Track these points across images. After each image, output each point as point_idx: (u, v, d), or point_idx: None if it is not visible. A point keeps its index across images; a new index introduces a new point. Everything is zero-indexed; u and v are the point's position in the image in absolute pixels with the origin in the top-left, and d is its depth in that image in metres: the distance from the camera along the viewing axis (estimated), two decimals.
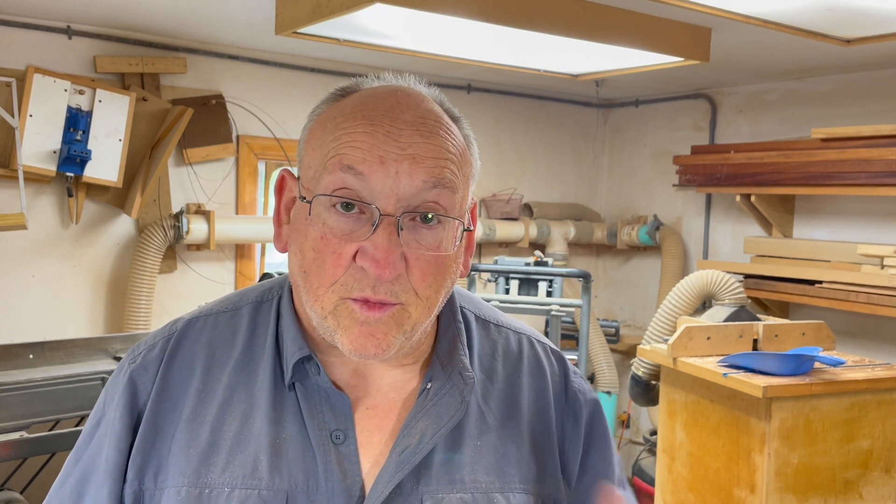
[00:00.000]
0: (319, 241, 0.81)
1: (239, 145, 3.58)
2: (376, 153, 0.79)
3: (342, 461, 0.84)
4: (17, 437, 2.26)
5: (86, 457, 0.90)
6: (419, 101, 0.85)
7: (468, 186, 0.87)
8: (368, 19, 2.50)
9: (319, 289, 0.82)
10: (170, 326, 0.94)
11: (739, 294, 3.08)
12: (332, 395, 0.86)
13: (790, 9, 2.34)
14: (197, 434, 0.86)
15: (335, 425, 0.85)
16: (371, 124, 0.81)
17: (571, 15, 2.52)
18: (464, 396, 0.88)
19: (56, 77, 3.03)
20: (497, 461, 0.88)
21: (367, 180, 0.79)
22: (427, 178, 0.80)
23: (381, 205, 0.79)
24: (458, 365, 0.90)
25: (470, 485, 0.86)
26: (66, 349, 2.69)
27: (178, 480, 0.84)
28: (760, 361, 2.39)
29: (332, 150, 0.81)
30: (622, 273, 4.75)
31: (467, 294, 1.01)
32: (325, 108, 0.87)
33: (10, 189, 3.01)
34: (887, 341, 3.38)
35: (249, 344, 0.91)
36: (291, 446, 0.84)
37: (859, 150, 3.14)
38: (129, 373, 0.90)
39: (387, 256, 0.78)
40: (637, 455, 3.80)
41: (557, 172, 4.66)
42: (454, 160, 0.83)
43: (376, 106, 0.83)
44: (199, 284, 3.53)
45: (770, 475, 2.29)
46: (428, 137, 0.82)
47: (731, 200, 3.98)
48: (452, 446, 0.87)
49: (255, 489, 0.82)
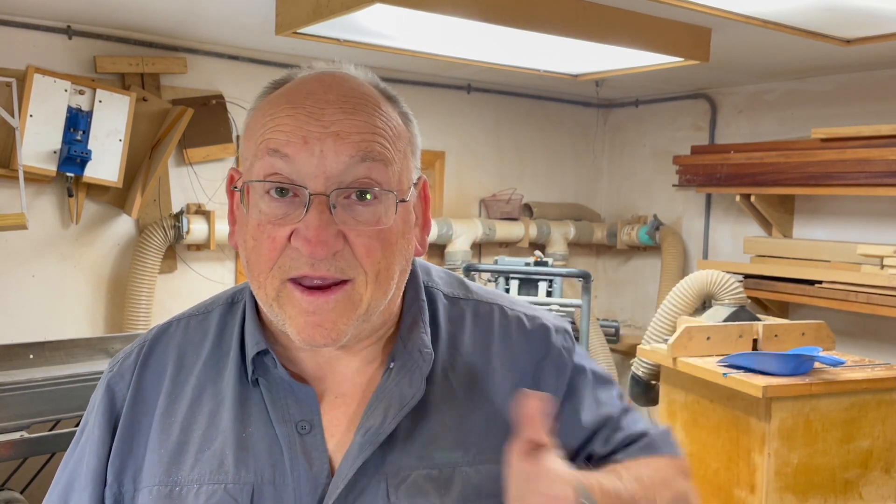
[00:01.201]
0: (256, 229, 0.82)
1: (239, 145, 3.58)
2: (299, 134, 0.80)
3: (308, 450, 0.84)
4: (17, 437, 2.25)
5: (71, 464, 0.93)
6: (343, 82, 0.85)
7: (407, 160, 0.86)
8: (368, 19, 2.50)
9: (260, 275, 0.82)
10: (145, 334, 0.97)
11: (739, 294, 3.08)
12: (296, 387, 0.87)
13: (790, 9, 2.34)
14: (168, 434, 0.88)
15: (300, 416, 0.86)
16: (293, 107, 0.82)
17: (571, 15, 2.52)
18: (422, 373, 0.88)
19: (56, 77, 3.03)
20: (464, 434, 0.88)
21: (293, 162, 0.80)
22: (354, 152, 0.80)
23: (311, 185, 0.79)
24: (417, 342, 0.89)
25: (438, 458, 0.86)
26: (66, 349, 2.69)
27: (151, 480, 0.86)
28: (760, 361, 2.39)
29: (260, 136, 0.82)
30: (622, 273, 4.75)
31: (436, 269, 1.00)
32: (259, 102, 0.88)
33: (10, 189, 3.01)
34: (887, 341, 3.38)
35: (218, 343, 0.92)
36: (257, 440, 0.85)
37: (859, 150, 3.14)
38: (107, 381, 0.93)
39: (318, 235, 0.78)
40: None
41: (557, 172, 4.65)
42: (384, 134, 0.83)
43: (299, 90, 0.84)
44: (199, 284, 3.53)
45: (770, 475, 2.29)
46: (351, 114, 0.82)
47: (730, 200, 3.98)
48: (418, 422, 0.87)
49: (221, 483, 0.83)
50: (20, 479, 2.77)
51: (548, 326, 0.98)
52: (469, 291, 0.99)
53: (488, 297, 0.99)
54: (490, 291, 1.01)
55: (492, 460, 0.87)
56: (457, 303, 0.97)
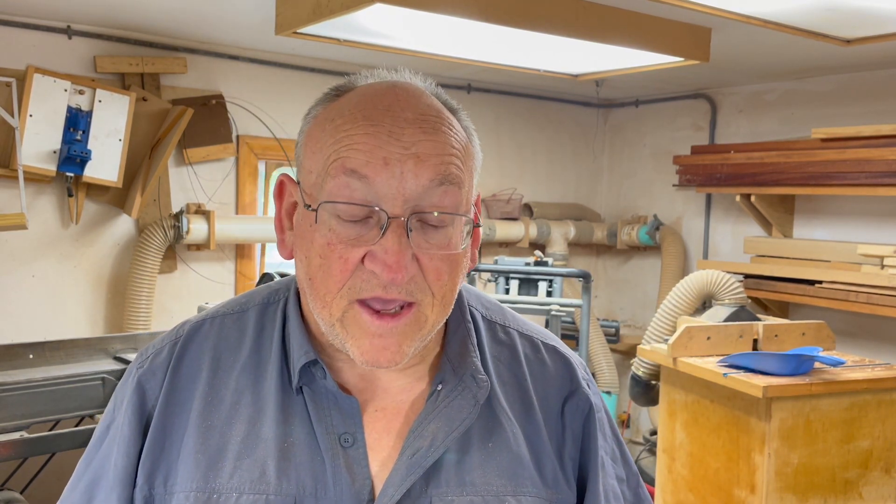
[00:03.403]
0: (326, 248, 0.79)
1: (239, 145, 3.58)
2: (379, 154, 0.77)
3: (351, 465, 0.83)
4: (17, 437, 2.25)
5: (96, 461, 0.90)
6: (419, 97, 0.83)
7: (472, 179, 0.85)
8: (368, 19, 2.50)
9: (327, 295, 0.80)
10: (177, 330, 0.93)
11: (739, 294, 3.08)
12: (341, 398, 0.85)
13: (790, 9, 2.34)
14: (205, 438, 0.85)
15: (344, 428, 0.84)
16: (371, 125, 0.78)
17: (571, 15, 2.52)
18: (477, 400, 0.86)
19: (56, 77, 3.03)
20: (508, 464, 0.87)
21: (371, 183, 0.77)
22: (433, 176, 0.78)
23: (389, 207, 0.77)
24: (470, 367, 0.88)
25: (481, 487, 0.85)
26: (66, 349, 2.69)
27: (187, 485, 0.83)
28: (760, 361, 2.39)
29: (333, 153, 0.79)
30: (622, 273, 4.75)
31: (474, 291, 1.00)
32: (322, 109, 0.85)
33: (10, 189, 3.01)
34: (887, 341, 3.38)
35: (256, 347, 0.90)
36: (299, 450, 0.83)
37: (859, 150, 3.14)
38: (138, 378, 0.90)
39: (398, 260, 0.76)
40: (637, 455, 3.80)
41: (557, 172, 4.66)
42: (458, 155, 0.81)
43: (375, 104, 0.80)
44: (199, 284, 3.53)
45: (770, 475, 2.29)
46: (431, 134, 0.79)
47: (731, 200, 3.98)
48: (462, 449, 0.86)
49: (262, 494, 0.81)
50: (20, 479, 2.77)
51: (573, 364, 0.98)
52: (506, 318, 0.99)
53: (523, 328, 0.99)
54: (523, 321, 1.01)
55: (535, 494, 0.87)
56: (495, 328, 0.97)
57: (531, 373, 0.94)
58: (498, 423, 0.89)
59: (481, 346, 0.93)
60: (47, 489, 2.75)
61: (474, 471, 0.85)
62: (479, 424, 0.87)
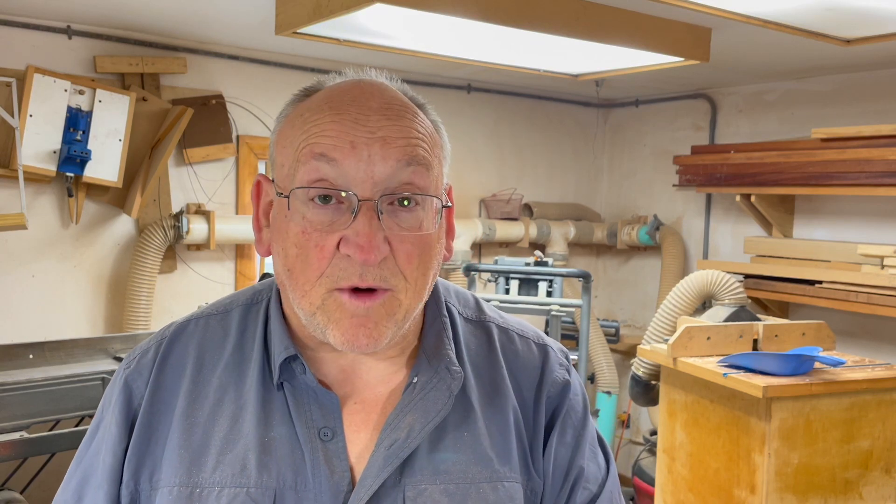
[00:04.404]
0: (301, 237, 0.81)
1: (239, 145, 3.58)
2: (346, 138, 0.80)
3: (330, 458, 0.85)
4: (17, 437, 2.26)
5: (86, 460, 0.92)
6: (383, 90, 0.86)
7: (442, 166, 0.88)
8: (368, 19, 2.50)
9: (306, 284, 0.82)
10: (163, 331, 0.96)
11: (739, 294, 3.08)
12: (321, 393, 0.87)
13: (790, 9, 2.34)
14: (189, 434, 0.87)
15: (323, 423, 0.86)
16: (338, 113, 0.82)
17: (571, 15, 2.52)
18: (451, 391, 0.89)
19: (56, 77, 3.03)
20: (483, 452, 0.89)
21: (340, 166, 0.80)
22: (400, 157, 0.81)
23: (359, 191, 0.80)
24: (444, 359, 0.90)
25: (455, 475, 0.86)
26: (66, 349, 2.69)
27: (171, 480, 0.86)
28: (760, 361, 2.39)
29: (303, 141, 0.82)
30: (622, 273, 4.76)
31: (452, 287, 1.02)
32: (292, 109, 0.88)
33: (10, 189, 3.01)
34: (887, 341, 3.38)
35: (239, 345, 0.92)
36: (280, 445, 0.86)
37: (859, 150, 3.14)
38: (125, 378, 0.93)
39: (370, 241, 0.78)
40: (637, 455, 3.80)
41: (557, 172, 4.66)
42: (424, 139, 0.84)
43: (342, 97, 0.84)
44: (199, 284, 3.53)
45: (770, 475, 2.29)
46: (395, 120, 0.83)
47: (731, 200, 3.98)
48: (437, 438, 0.88)
49: (243, 487, 0.84)
50: (20, 479, 2.77)
51: (548, 350, 1.00)
52: (482, 313, 1.01)
53: (499, 321, 1.01)
54: (499, 313, 1.03)
55: (512, 479, 0.89)
56: (471, 323, 0.99)
57: (506, 361, 0.96)
58: (473, 412, 0.90)
59: (457, 339, 0.95)
60: (47, 489, 2.75)
61: (449, 459, 0.87)
62: (454, 414, 0.89)
